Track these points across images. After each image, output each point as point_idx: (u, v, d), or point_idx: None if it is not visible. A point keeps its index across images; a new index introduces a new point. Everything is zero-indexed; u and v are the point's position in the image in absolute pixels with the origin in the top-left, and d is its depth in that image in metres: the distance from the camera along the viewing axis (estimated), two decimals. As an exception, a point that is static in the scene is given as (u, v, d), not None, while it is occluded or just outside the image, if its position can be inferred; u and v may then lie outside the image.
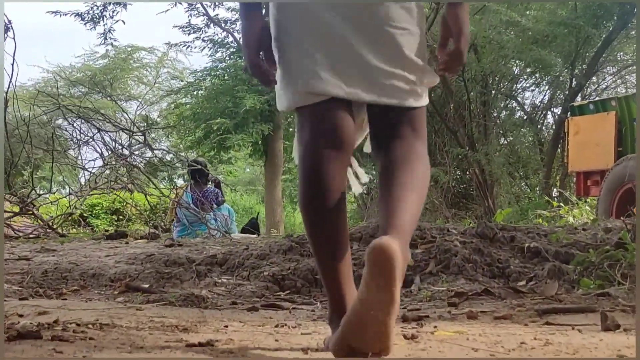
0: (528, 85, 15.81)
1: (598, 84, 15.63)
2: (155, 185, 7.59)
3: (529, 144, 15.75)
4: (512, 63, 14.62)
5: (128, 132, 7.38)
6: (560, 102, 14.78)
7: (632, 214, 5.07)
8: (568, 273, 3.60)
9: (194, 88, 15.56)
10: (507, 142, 15.51)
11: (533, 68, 14.61)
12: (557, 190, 12.88)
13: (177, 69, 21.98)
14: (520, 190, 15.20)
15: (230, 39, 14.92)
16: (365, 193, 13.73)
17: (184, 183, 9.02)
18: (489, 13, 12.78)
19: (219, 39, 15.20)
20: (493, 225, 4.20)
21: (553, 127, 15.07)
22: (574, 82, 14.08)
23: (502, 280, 3.73)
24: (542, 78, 15.28)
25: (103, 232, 8.16)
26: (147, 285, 3.86)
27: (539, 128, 15.72)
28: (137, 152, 8.16)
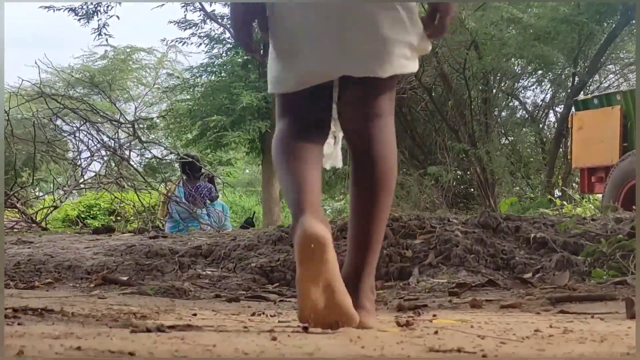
0: (529, 85, 15.57)
1: (600, 82, 15.36)
2: (144, 179, 7.32)
3: (531, 144, 15.49)
4: (513, 61, 14.36)
5: (116, 122, 7.11)
6: (562, 100, 14.52)
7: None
8: (577, 264, 3.35)
9: (190, 85, 15.30)
10: (508, 142, 15.24)
11: (535, 65, 14.35)
12: (560, 189, 12.61)
13: (176, 70, 21.77)
14: (522, 190, 14.91)
15: (227, 35, 14.65)
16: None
17: (177, 178, 8.77)
18: (490, 9, 12.52)
19: (216, 35, 14.93)
20: (496, 215, 3.94)
21: (555, 125, 14.80)
22: (577, 79, 13.82)
23: (506, 272, 3.47)
24: (543, 76, 15.03)
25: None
26: (125, 278, 3.60)
27: (541, 127, 15.45)
28: (128, 148, 7.83)
